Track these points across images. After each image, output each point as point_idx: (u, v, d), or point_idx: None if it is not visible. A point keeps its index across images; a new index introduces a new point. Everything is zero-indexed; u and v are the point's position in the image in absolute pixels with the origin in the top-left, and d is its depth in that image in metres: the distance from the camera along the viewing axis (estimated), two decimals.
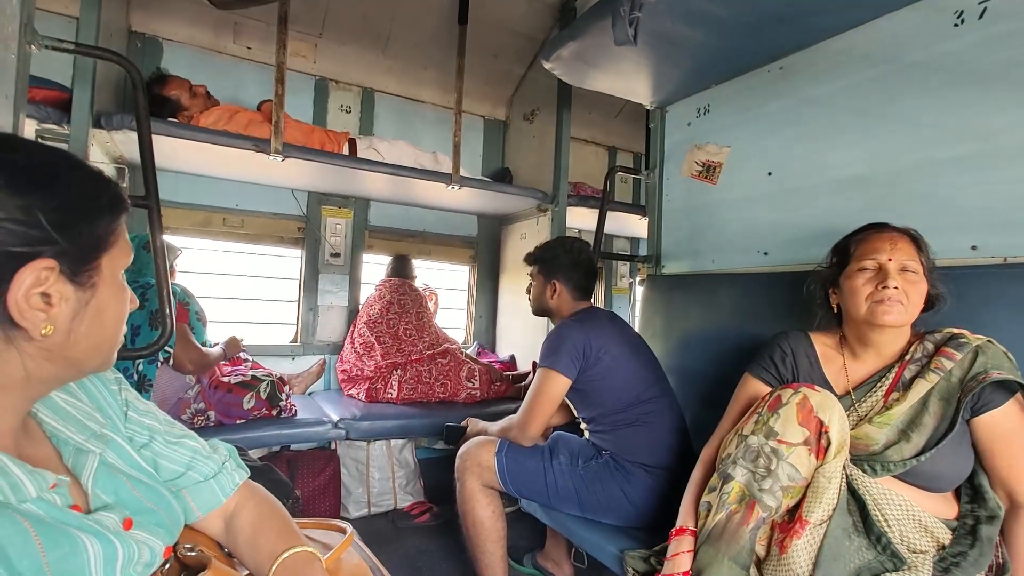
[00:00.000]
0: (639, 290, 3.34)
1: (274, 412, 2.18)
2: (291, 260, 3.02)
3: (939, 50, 1.40)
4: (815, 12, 1.54)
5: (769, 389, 1.20)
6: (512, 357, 3.25)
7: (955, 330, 1.11)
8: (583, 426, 1.74)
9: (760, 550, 1.05)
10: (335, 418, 2.32)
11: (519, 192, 2.86)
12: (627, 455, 1.59)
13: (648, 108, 2.36)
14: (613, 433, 1.63)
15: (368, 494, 2.55)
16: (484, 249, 3.53)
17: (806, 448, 1.01)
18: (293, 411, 2.25)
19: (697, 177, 2.10)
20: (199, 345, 2.04)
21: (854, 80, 1.60)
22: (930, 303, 1.15)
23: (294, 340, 2.97)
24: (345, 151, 2.53)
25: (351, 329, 2.86)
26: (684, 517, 1.16)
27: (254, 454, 2.09)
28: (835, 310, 1.25)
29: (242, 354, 2.43)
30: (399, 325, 2.76)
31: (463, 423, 1.95)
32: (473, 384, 2.74)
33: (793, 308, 1.59)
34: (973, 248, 1.32)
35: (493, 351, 3.46)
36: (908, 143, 1.47)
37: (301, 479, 2.37)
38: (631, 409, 1.63)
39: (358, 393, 2.66)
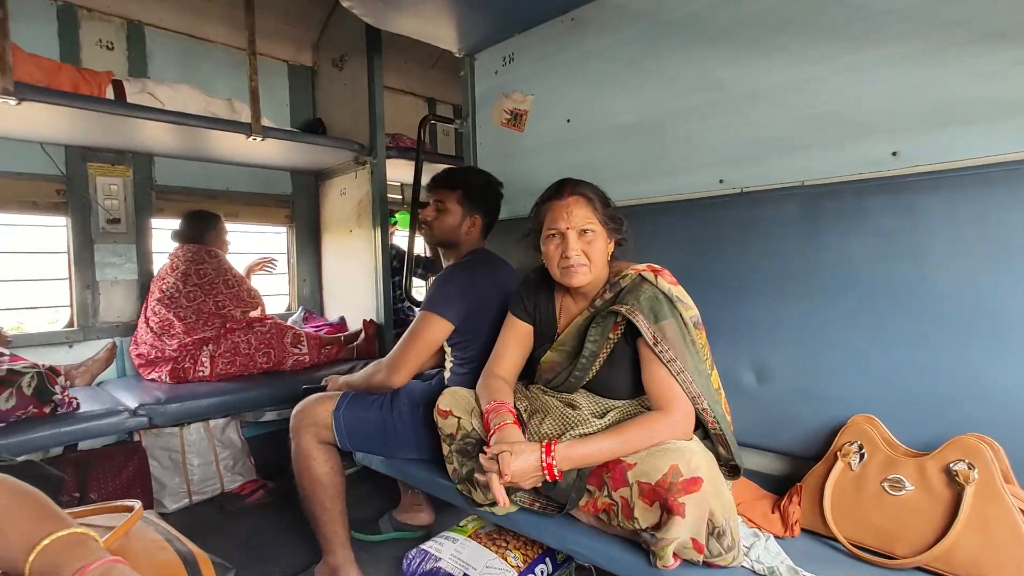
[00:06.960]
0: None
1: (47, 409, 1.83)
2: (55, 230, 2.50)
3: (685, 11, 1.61)
4: None
5: (526, 324, 1.39)
6: (342, 318, 3.13)
7: (624, 265, 1.28)
8: (449, 365, 1.71)
9: None
10: (133, 405, 2.03)
11: (332, 144, 2.69)
12: None
13: (458, 55, 2.35)
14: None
15: (187, 482, 2.31)
16: (301, 208, 3.28)
17: None
18: (74, 405, 1.91)
19: (506, 125, 2.18)
20: None
21: (628, 34, 1.77)
22: (620, 245, 1.30)
23: (70, 324, 2.50)
24: (109, 95, 2.12)
25: (144, 307, 2.48)
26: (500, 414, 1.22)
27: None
28: None
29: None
30: (201, 297, 2.45)
31: (323, 383, 1.84)
32: (300, 350, 2.59)
33: None
34: (720, 181, 1.59)
35: (322, 315, 3.30)
36: (666, 92, 1.68)
37: (96, 481, 2.05)
38: None
39: (160, 376, 2.35)
